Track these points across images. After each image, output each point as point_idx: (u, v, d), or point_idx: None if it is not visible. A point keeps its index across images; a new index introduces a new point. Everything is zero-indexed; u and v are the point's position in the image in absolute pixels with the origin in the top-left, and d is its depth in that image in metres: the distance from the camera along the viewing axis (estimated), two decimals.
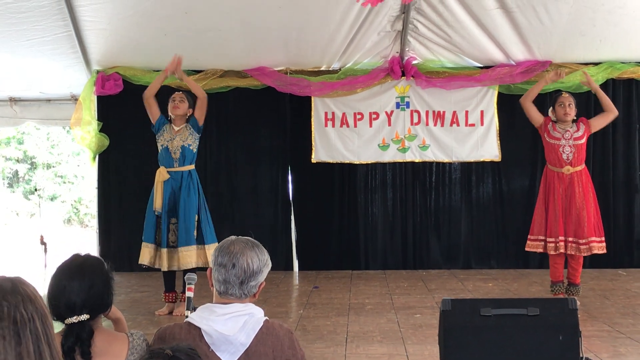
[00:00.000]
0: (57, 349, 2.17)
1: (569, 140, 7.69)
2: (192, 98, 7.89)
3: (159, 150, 7.75)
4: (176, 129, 7.69)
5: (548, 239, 7.76)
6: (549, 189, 7.84)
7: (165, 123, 7.78)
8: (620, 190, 10.55)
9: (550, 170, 7.87)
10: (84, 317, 2.75)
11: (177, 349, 2.27)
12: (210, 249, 7.51)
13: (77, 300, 2.75)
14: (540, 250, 7.88)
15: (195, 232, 7.59)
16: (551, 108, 7.95)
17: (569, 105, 7.73)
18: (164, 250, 7.50)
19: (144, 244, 7.69)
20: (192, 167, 7.76)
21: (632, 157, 10.52)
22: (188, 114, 7.78)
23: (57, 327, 2.70)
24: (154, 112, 7.87)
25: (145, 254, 7.62)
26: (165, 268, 7.51)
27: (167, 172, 7.61)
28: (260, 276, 2.86)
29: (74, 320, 2.73)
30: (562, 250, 7.66)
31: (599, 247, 7.71)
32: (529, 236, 8.01)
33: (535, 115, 8.08)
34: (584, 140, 7.78)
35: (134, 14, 9.13)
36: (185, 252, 7.44)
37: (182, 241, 7.49)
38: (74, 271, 2.82)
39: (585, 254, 7.72)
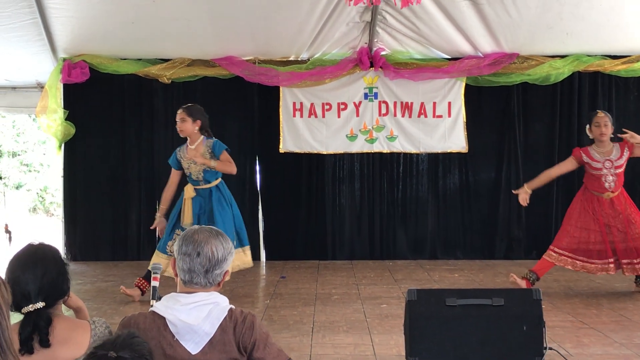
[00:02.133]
0: (9, 338, 2.17)
1: (610, 169, 7.69)
2: (193, 109, 7.80)
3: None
4: (192, 147, 7.66)
5: (585, 259, 7.70)
6: (586, 210, 7.79)
7: (177, 153, 7.81)
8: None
9: (589, 193, 7.85)
10: (40, 305, 2.75)
11: (120, 346, 2.23)
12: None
13: (31, 289, 2.76)
14: (569, 267, 7.80)
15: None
16: (588, 126, 7.92)
17: (605, 125, 7.70)
18: None
19: (157, 252, 7.70)
20: (219, 180, 7.80)
21: None
22: (197, 127, 7.68)
23: (16, 318, 2.69)
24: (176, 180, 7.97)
25: (155, 261, 7.58)
26: None
27: (195, 189, 7.68)
28: (225, 264, 2.86)
29: (30, 309, 2.73)
30: (609, 272, 7.70)
31: None
32: (554, 247, 7.89)
33: (570, 169, 8.10)
34: (624, 168, 7.78)
35: (101, 1, 9.05)
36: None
37: None
38: (26, 260, 2.82)
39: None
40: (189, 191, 7.68)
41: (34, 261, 2.81)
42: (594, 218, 7.74)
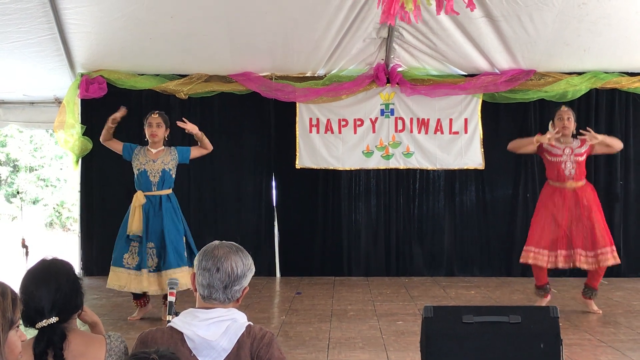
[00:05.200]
0: (3, 351, 2.20)
1: (570, 156, 7.72)
2: (167, 117, 7.69)
3: (135, 175, 7.60)
4: (154, 151, 7.56)
5: (550, 252, 7.74)
6: (549, 204, 7.84)
7: (135, 147, 7.65)
8: (601, 199, 10.51)
9: (551, 186, 7.89)
10: (53, 319, 2.75)
11: (161, 354, 2.26)
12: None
13: (45, 304, 2.76)
14: (533, 262, 7.79)
15: (186, 253, 7.49)
16: (551, 122, 7.94)
17: (568, 119, 7.75)
18: (144, 271, 7.36)
19: (113, 268, 7.49)
20: (170, 190, 7.62)
21: (613, 167, 10.58)
22: (166, 135, 7.62)
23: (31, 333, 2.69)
24: (115, 147, 7.77)
25: (113, 279, 7.44)
26: (139, 291, 7.41)
27: (145, 195, 7.49)
28: (244, 280, 2.85)
29: (44, 324, 2.73)
30: (561, 265, 7.73)
31: (614, 257, 7.70)
32: (525, 247, 7.96)
33: (529, 151, 8.10)
34: (584, 157, 7.79)
35: (120, 17, 9.11)
36: (178, 273, 7.30)
37: (173, 263, 7.32)
38: (39, 276, 2.82)
39: (596, 266, 7.68)
40: (139, 198, 7.47)
41: (47, 276, 2.81)
42: (555, 210, 7.76)
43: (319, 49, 9.97)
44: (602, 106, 10.64)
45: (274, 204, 10.87)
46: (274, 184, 10.87)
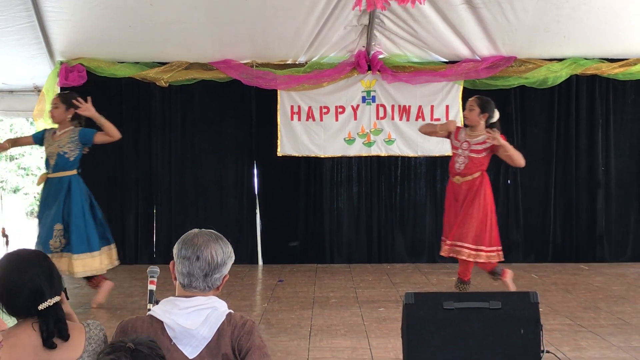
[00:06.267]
0: None
1: (465, 150, 7.52)
2: (69, 96, 7.58)
3: None
4: (58, 133, 7.52)
5: (449, 242, 7.65)
6: (446, 196, 7.85)
7: (44, 132, 7.70)
8: (583, 185, 10.65)
9: (450, 177, 7.83)
10: (57, 298, 2.74)
11: (138, 342, 2.26)
12: (76, 259, 7.27)
13: (42, 284, 2.72)
14: (442, 252, 7.78)
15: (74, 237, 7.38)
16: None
17: (469, 109, 7.56)
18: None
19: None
20: (71, 173, 7.51)
21: (594, 153, 10.61)
22: (70, 116, 7.47)
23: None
24: (26, 142, 8.10)
25: None
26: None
27: (47, 177, 7.53)
28: (224, 268, 2.85)
29: (50, 304, 2.71)
30: (444, 254, 7.69)
31: (487, 256, 7.49)
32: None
33: (439, 134, 7.95)
34: (482, 155, 7.53)
35: (99, 5, 9.04)
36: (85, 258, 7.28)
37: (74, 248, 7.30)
38: (23, 260, 2.78)
39: (465, 258, 7.46)
40: (38, 180, 7.62)
41: (31, 258, 2.79)
42: (449, 203, 7.76)
43: (300, 36, 9.93)
44: (582, 92, 10.67)
45: (256, 192, 10.85)
46: (255, 171, 10.85)
